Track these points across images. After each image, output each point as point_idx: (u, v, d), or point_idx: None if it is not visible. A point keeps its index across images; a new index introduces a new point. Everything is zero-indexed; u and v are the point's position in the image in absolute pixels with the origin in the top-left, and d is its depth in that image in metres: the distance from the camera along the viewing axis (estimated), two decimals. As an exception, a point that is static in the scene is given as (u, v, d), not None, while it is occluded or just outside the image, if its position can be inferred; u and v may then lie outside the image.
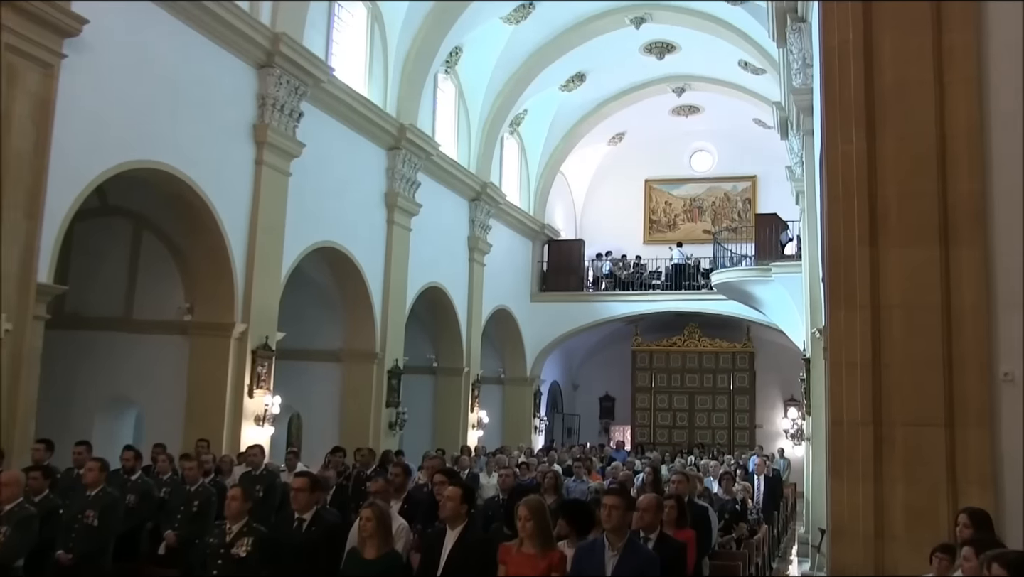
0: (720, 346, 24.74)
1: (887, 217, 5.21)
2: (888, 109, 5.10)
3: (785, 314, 17.75)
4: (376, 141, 15.73)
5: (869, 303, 5.17)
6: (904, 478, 4.61)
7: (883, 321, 5.10)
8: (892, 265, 5.14)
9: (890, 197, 5.20)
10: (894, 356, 4.89)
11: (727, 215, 26.45)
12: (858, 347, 5.13)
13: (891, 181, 5.21)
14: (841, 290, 5.34)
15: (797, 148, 15.07)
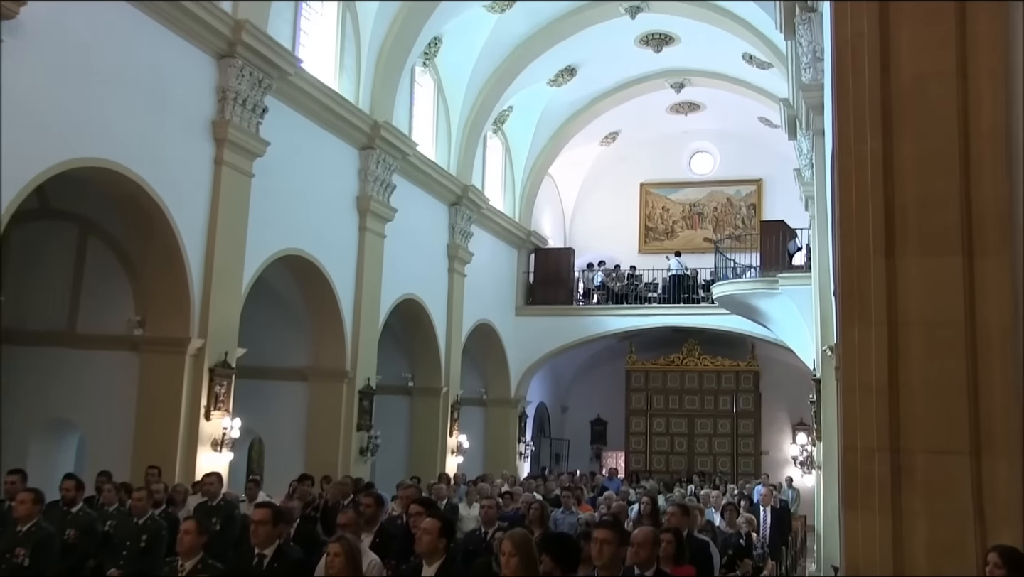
0: (722, 365, 24.77)
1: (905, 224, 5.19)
2: (906, 106, 5.09)
3: (793, 330, 17.78)
4: (347, 140, 15.69)
5: (885, 319, 5.14)
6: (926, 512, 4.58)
7: (901, 339, 5.06)
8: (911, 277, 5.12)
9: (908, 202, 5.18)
10: (913, 377, 4.87)
11: (730, 222, 26.55)
12: (873, 367, 5.09)
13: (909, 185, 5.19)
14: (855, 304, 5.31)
15: (806, 149, 15.13)
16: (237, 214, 12.66)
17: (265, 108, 13.04)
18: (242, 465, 15.16)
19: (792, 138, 16.61)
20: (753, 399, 24.64)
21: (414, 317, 18.79)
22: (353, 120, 15.52)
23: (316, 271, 14.88)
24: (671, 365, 25.07)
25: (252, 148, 12.87)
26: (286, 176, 13.97)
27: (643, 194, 27.37)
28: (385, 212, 16.69)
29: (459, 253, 20.12)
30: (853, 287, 5.22)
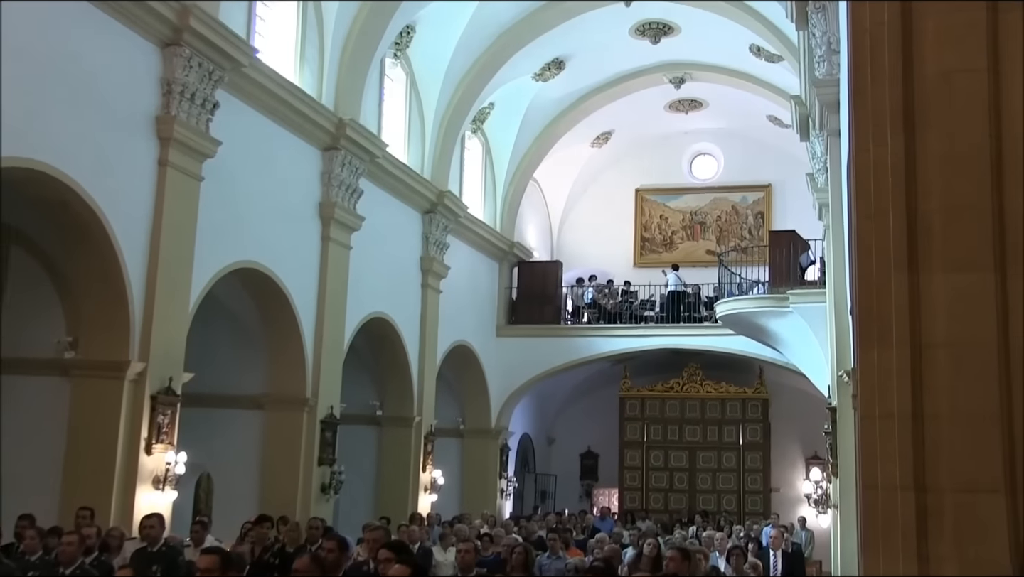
0: (727, 391, 24.81)
1: (929, 236, 5.18)
2: (931, 104, 5.09)
3: (806, 353, 17.81)
4: (309, 139, 15.66)
5: (908, 341, 5.12)
6: (956, 557, 4.55)
7: (926, 363, 5.05)
8: (936, 294, 5.11)
9: (933, 211, 5.18)
10: (940, 406, 4.85)
11: (735, 232, 26.66)
12: (895, 394, 5.08)
13: (934, 192, 5.19)
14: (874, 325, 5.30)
15: (820, 152, 15.21)
16: (184, 222, 12.59)
17: (216, 103, 12.99)
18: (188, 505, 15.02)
19: (804, 139, 16.69)
20: (761, 430, 24.67)
21: (383, 338, 18.72)
22: (315, 118, 15.49)
23: (273, 286, 14.82)
24: (670, 391, 25.07)
25: (201, 148, 12.81)
26: (240, 180, 13.91)
27: (639, 201, 27.44)
28: (351, 220, 16.64)
29: (434, 266, 20.08)
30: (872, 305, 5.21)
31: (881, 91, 5.27)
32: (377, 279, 17.87)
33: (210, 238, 13.12)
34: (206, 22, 12.48)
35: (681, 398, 25.04)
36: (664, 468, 24.96)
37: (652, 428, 25.05)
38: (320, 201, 16.05)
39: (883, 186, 5.20)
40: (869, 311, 5.26)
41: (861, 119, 5.38)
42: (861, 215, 5.39)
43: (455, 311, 21.31)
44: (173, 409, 12.22)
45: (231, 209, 13.70)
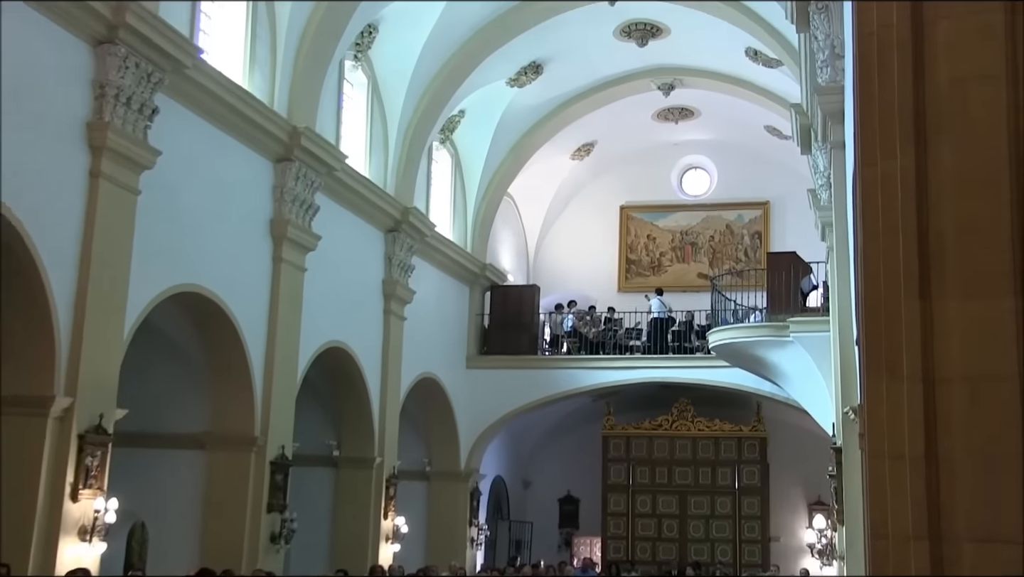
0: (721, 429, 24.83)
1: (943, 258, 5.20)
2: (944, 114, 5.12)
3: (808, 387, 17.85)
4: (260, 150, 15.62)
5: (920, 374, 5.13)
6: (973, 615, 4.54)
7: (940, 398, 5.05)
8: (951, 322, 5.12)
9: (947, 231, 5.20)
10: (956, 446, 4.85)
11: (729, 254, 26.77)
12: (907, 434, 5.08)
13: (948, 209, 5.21)
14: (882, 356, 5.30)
15: (823, 165, 15.29)
16: (118, 241, 12.50)
17: (155, 109, 12.93)
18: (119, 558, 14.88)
19: (806, 152, 16.79)
20: (759, 472, 24.69)
21: (341, 370, 18.63)
22: (267, 126, 15.45)
23: (218, 312, 14.73)
24: (658, 429, 25.07)
25: (138, 158, 12.74)
26: (182, 194, 13.84)
27: (624, 220, 27.52)
28: (306, 240, 16.58)
29: (397, 291, 20.03)
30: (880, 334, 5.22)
31: (889, 99, 5.30)
32: (334, 305, 17.80)
33: (148, 259, 13.03)
34: (144, 18, 12.42)
35: (670, 437, 25.02)
36: (652, 514, 24.91)
37: (639, 470, 25.02)
38: (272, 218, 15.98)
39: (892, 203, 5.21)
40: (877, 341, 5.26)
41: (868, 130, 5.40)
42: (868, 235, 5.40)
43: (421, 340, 21.24)
44: (104, 450, 12.07)
45: (172, 226, 13.62)
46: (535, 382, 23.67)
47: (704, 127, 25.98)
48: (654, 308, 24.02)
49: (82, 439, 11.79)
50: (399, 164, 20.21)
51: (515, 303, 24.68)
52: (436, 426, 23.08)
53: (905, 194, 5.12)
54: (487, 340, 24.48)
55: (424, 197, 22.02)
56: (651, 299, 24.28)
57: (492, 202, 24.68)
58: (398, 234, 19.98)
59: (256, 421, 15.42)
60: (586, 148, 26.29)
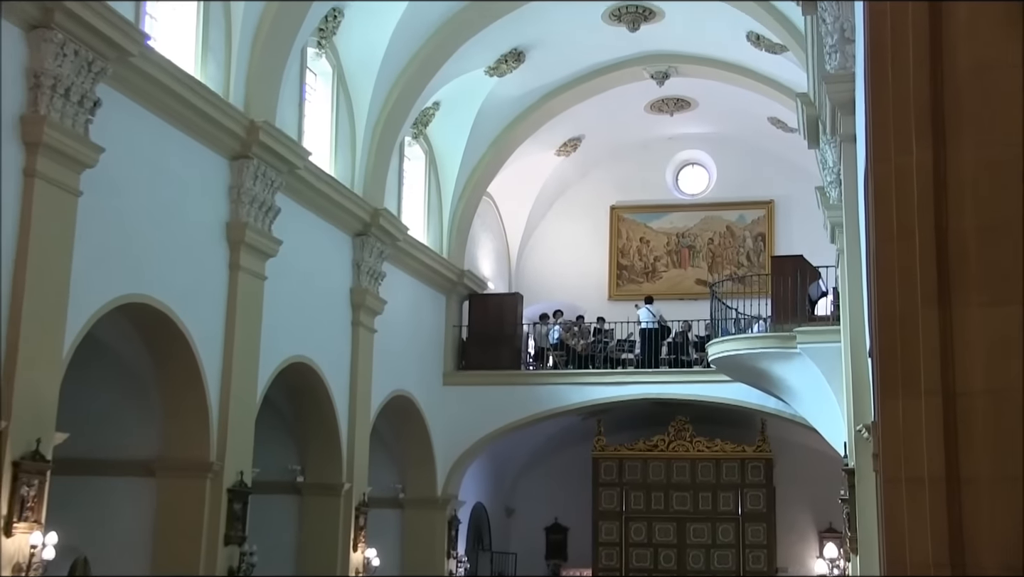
0: (722, 450, 24.83)
1: (964, 261, 5.22)
2: (965, 104, 5.15)
3: (817, 403, 17.88)
4: (213, 146, 15.58)
5: (940, 388, 5.15)
6: (999, 652, 4.55)
7: (961, 415, 5.07)
8: (972, 332, 5.14)
9: (968, 232, 5.22)
10: (979, 467, 4.87)
11: (730, 258, 26.83)
12: (925, 454, 5.09)
13: (969, 208, 5.23)
14: (898, 369, 5.31)
15: (832, 161, 15.34)
16: (57, 246, 12.44)
17: (97, 101, 12.87)
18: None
19: (813, 146, 16.84)
20: (765, 497, 24.71)
21: (305, 388, 18.59)
22: (221, 119, 15.41)
23: (169, 325, 14.68)
24: (654, 451, 25.05)
25: (79, 156, 12.69)
26: (127, 195, 13.78)
27: (615, 221, 27.55)
28: (266, 245, 16.54)
29: (367, 300, 19.99)
30: (895, 346, 5.23)
31: (904, 89, 5.30)
32: (298, 316, 17.75)
33: (90, 266, 12.96)
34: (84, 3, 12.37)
35: (667, 458, 25.01)
36: (647, 544, 24.89)
37: (632, 495, 25.01)
38: (228, 221, 15.93)
39: (908, 202, 5.22)
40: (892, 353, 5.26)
41: (880, 122, 5.41)
42: (882, 237, 5.40)
43: (393, 355, 21.22)
44: (41, 478, 11.99)
45: (117, 231, 13.55)
46: (518, 400, 23.63)
47: (702, 119, 26.03)
48: (643, 318, 24.00)
49: (17, 467, 11.68)
50: (368, 161, 20.18)
51: (496, 313, 24.65)
52: (410, 449, 23.02)
53: (922, 192, 5.13)
54: (465, 354, 24.44)
55: (395, 198, 21.98)
56: (640, 308, 24.25)
57: (470, 203, 24.67)
58: (367, 238, 19.94)
59: (211, 445, 15.34)
60: (573, 143, 26.31)
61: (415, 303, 22.72)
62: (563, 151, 26.48)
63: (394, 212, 21.21)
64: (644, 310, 24.13)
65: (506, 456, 26.30)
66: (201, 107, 14.99)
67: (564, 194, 27.68)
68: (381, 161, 20.48)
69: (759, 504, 24.68)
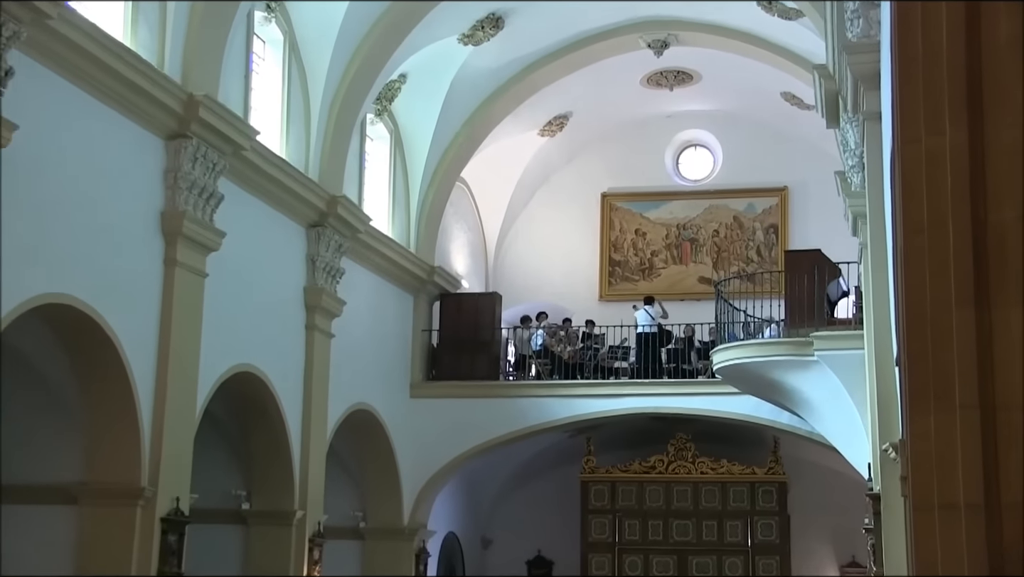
0: (730, 472, 24.85)
1: (1003, 256, 5.24)
2: (1003, 78, 5.16)
3: (837, 418, 17.92)
4: (147, 124, 15.51)
5: (977, 401, 5.17)
6: None
7: (1001, 431, 5.09)
8: (1014, 336, 5.15)
9: (1007, 223, 5.24)
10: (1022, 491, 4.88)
11: (738, 253, 26.85)
12: (961, 476, 5.11)
13: (1008, 196, 5.25)
14: (929, 379, 5.32)
15: (854, 142, 15.37)
16: (-33, 239, 12.35)
17: (9, 70, 12.76)
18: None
19: (832, 125, 16.86)
20: (778, 525, 24.74)
21: (251, 401, 18.52)
22: (155, 93, 15.32)
23: (95, 329, 14.59)
24: (651, 473, 25.05)
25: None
26: (45, 179, 13.69)
27: (606, 211, 27.55)
28: (207, 237, 16.48)
29: (323, 301, 19.94)
30: (926, 352, 5.23)
31: (937, 60, 5.30)
32: (243, 318, 17.68)
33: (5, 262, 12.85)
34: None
35: (666, 482, 25.01)
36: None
37: (627, 524, 25.01)
38: (163, 210, 15.85)
39: (940, 189, 5.21)
40: (923, 360, 5.25)
41: (910, 97, 5.40)
42: (910, 229, 5.39)
43: (353, 363, 21.20)
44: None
45: (33, 221, 13.43)
46: (496, 414, 23.64)
47: (706, 95, 26.05)
48: (641, 321, 23.98)
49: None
50: (324, 142, 20.12)
51: (471, 316, 24.64)
52: (372, 471, 23.00)
53: (956, 177, 5.12)
54: (436, 362, 24.44)
55: (356, 183, 21.94)
56: (638, 310, 24.24)
57: (442, 190, 24.63)
58: (323, 230, 19.86)
59: (142, 467, 15.25)
60: (559, 122, 26.29)
61: (378, 304, 22.69)
62: (548, 131, 26.46)
63: (354, 200, 21.15)
64: (643, 312, 24.11)
65: (482, 479, 26.28)
66: (132, 78, 14.83)
67: (549, 180, 27.66)
68: (339, 142, 20.42)
69: (771, 534, 24.71)
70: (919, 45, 5.30)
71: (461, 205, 26.62)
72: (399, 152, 24.01)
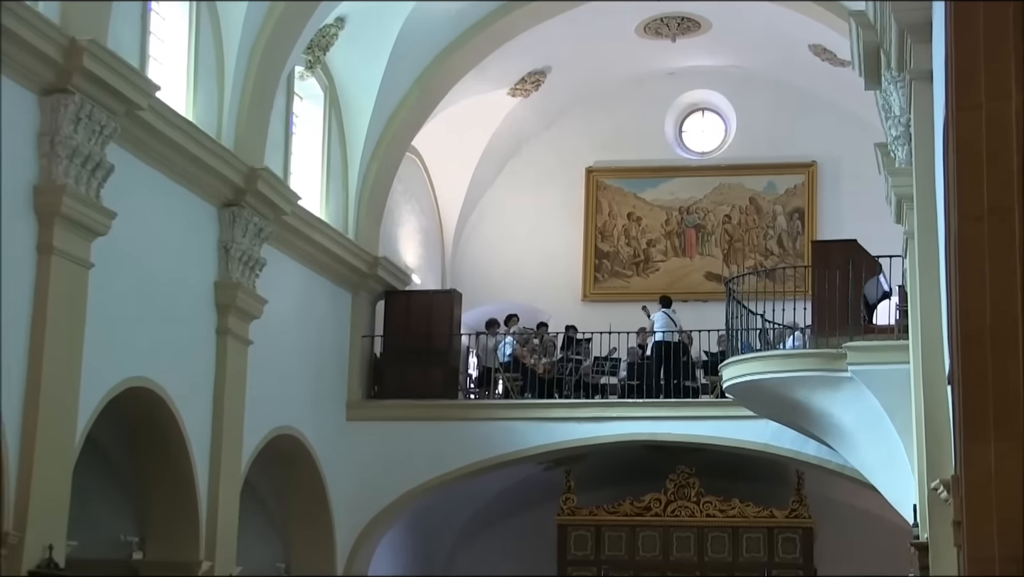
0: (743, 515, 24.88)
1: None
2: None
3: (876, 449, 17.96)
4: (21, 79, 15.48)
5: (1047, 429, 5.15)
6: None
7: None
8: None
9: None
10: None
11: (754, 243, 26.90)
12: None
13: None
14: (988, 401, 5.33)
15: (899, 107, 15.38)
16: None
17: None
18: None
19: (872, 86, 16.89)
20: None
21: (147, 423, 18.46)
22: (28, 38, 15.27)
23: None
24: (645, 515, 25.06)
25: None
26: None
27: (592, 189, 27.56)
28: (91, 219, 16.40)
29: (239, 299, 19.87)
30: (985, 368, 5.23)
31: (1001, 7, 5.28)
32: (137, 321, 17.59)
33: None
34: None
35: (664, 526, 25.03)
36: (635, 647, 25.00)
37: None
38: (35, 184, 15.77)
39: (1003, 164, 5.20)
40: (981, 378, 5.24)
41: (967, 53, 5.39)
42: (966, 214, 5.37)
43: (276, 377, 21.22)
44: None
45: None
46: (454, 441, 23.66)
47: (716, 47, 26.10)
48: (658, 326, 23.96)
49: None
50: (241, 102, 20.03)
51: (423, 319, 24.63)
52: (299, 511, 22.99)
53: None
54: (379, 376, 24.50)
55: (281, 153, 21.89)
56: (653, 313, 24.22)
57: (388, 162, 24.62)
58: (240, 210, 19.78)
59: (6, 508, 15.19)
60: (534, 79, 26.31)
61: (308, 303, 22.67)
62: (520, 90, 26.48)
63: (278, 173, 21.07)
64: (660, 315, 24.06)
65: (437, 522, 26.26)
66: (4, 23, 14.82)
67: (521, 151, 27.68)
68: (260, 101, 20.34)
69: (794, 591, 24.81)
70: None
71: (412, 181, 26.59)
72: (335, 114, 23.95)
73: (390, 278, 24.88)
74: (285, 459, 22.08)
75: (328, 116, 23.87)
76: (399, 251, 25.99)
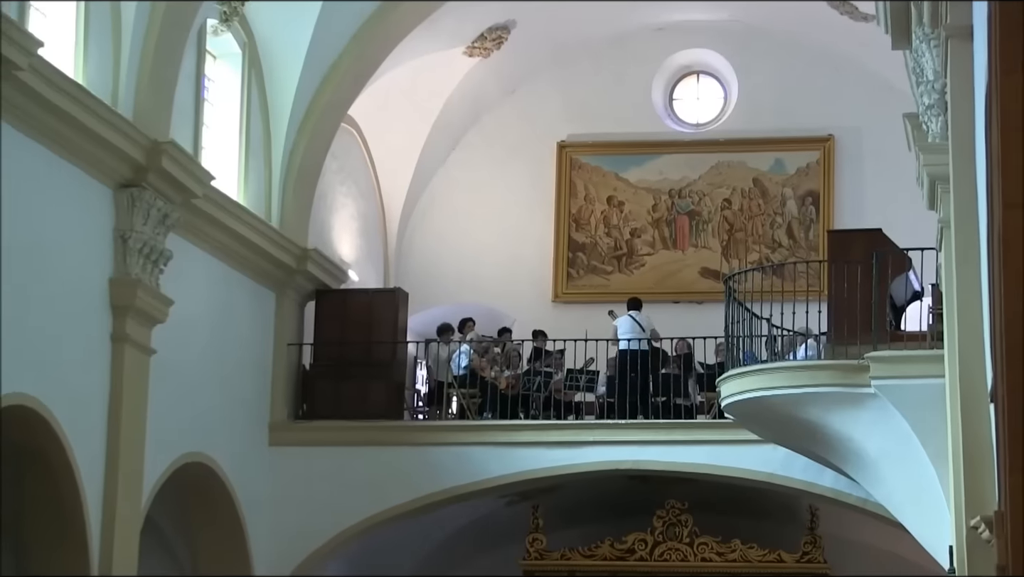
0: (746, 559, 24.95)
1: None
2: None
3: (903, 479, 18.04)
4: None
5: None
6: None
7: None
8: None
9: None
10: None
11: (759, 233, 26.99)
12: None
13: None
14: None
15: (931, 71, 15.43)
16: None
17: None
18: None
19: (900, 46, 16.94)
20: (817, 640, 24.93)
21: (25, 449, 18.39)
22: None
23: None
24: (628, 559, 25.11)
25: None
26: None
27: (564, 168, 27.61)
28: None
29: (139, 300, 19.82)
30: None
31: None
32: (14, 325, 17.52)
33: None
34: None
35: (651, 572, 25.10)
36: None
37: (591, 635, 25.15)
38: None
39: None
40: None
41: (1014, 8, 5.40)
42: (1011, 201, 5.39)
43: (184, 393, 21.20)
44: None
45: None
46: (400, 470, 23.73)
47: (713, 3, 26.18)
48: (621, 331, 23.98)
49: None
50: (141, 63, 19.99)
51: (363, 323, 24.67)
52: (212, 555, 22.97)
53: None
54: (309, 392, 24.54)
55: (190, 124, 21.91)
56: (617, 318, 24.25)
57: (319, 136, 24.63)
58: (141, 192, 19.73)
59: None
60: (495, 36, 26.34)
61: (223, 305, 22.68)
62: (478, 49, 26.51)
63: (187, 148, 21.05)
64: (625, 319, 24.09)
65: (379, 567, 26.28)
66: None
67: (480, 121, 27.74)
68: (164, 61, 20.30)
69: (808, 652, 24.91)
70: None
71: (349, 159, 26.62)
72: (255, 78, 23.92)
73: (322, 274, 24.88)
74: (195, 491, 22.08)
75: (247, 79, 23.82)
76: (333, 242, 26.02)
